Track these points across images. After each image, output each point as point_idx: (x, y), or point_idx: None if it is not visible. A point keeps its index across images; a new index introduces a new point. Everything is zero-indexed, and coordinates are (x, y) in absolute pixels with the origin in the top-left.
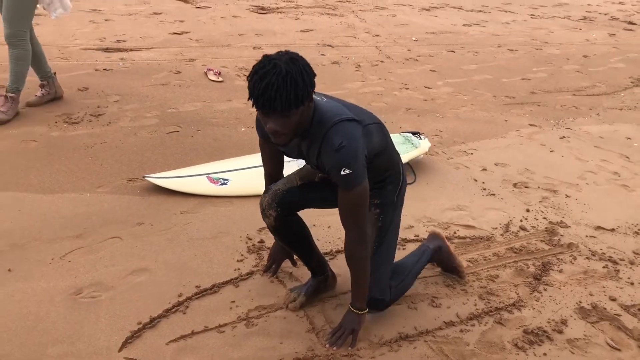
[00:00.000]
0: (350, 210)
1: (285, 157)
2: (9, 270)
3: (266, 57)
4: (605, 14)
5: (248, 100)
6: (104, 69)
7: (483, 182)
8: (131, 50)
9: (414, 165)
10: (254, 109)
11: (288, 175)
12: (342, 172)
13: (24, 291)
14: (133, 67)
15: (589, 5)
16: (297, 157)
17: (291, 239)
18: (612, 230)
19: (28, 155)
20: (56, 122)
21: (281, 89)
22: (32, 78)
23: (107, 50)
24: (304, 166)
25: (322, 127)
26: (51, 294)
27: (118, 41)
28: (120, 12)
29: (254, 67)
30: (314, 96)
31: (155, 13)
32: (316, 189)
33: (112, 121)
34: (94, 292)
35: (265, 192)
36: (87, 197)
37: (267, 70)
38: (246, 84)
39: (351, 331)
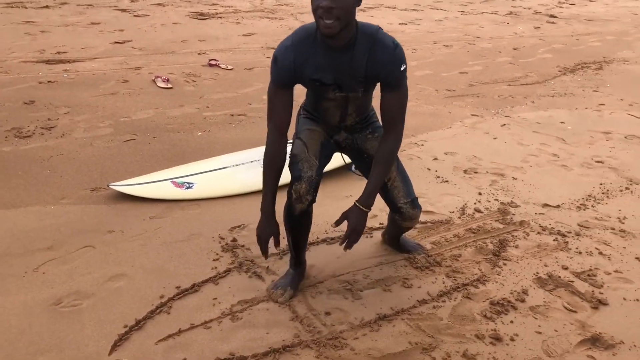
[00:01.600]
0: (401, 107)
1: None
2: None
3: None
4: (529, 9)
5: None
6: (48, 81)
7: (436, 171)
8: (74, 61)
9: None
10: (208, 114)
11: (304, 158)
12: (402, 68)
13: (2, 305)
14: (78, 78)
15: (513, 0)
16: (331, 80)
17: (305, 226)
18: (558, 206)
19: None
20: (6, 137)
21: None
22: None
23: (48, 62)
24: (304, 141)
25: (368, 33)
26: (30, 306)
27: (59, 52)
28: (56, 23)
29: None
30: None
31: (93, 23)
32: (323, 159)
33: (66, 133)
34: (74, 300)
35: (297, 179)
36: (51, 209)
37: None
38: (195, 89)
39: (360, 231)
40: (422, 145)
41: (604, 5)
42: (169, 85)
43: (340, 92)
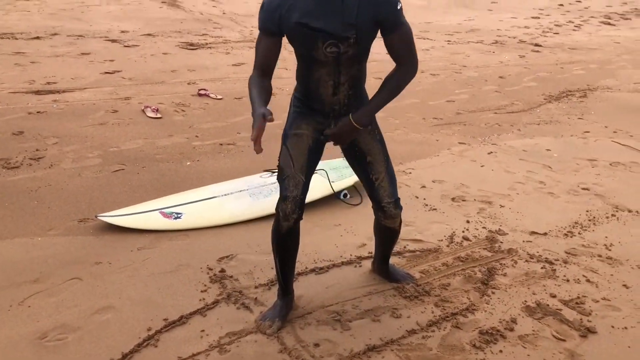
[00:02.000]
0: (408, 44)
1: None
2: None
3: None
4: (514, 38)
5: None
6: (37, 112)
7: (424, 199)
8: (63, 91)
9: (360, 187)
10: (197, 143)
11: (291, 176)
12: (398, 7)
13: None
14: (68, 109)
15: (498, 30)
16: (320, 24)
17: (292, 246)
18: (545, 234)
19: None
20: None
21: None
22: None
23: (38, 92)
24: (290, 152)
25: None
26: (15, 341)
27: (48, 83)
28: (46, 54)
29: None
30: None
31: (83, 53)
32: (311, 168)
33: (54, 163)
34: (60, 334)
35: (283, 200)
36: (38, 241)
37: None
38: (184, 119)
39: (341, 139)
40: (410, 173)
41: (587, 34)
42: (159, 115)
43: (331, 46)
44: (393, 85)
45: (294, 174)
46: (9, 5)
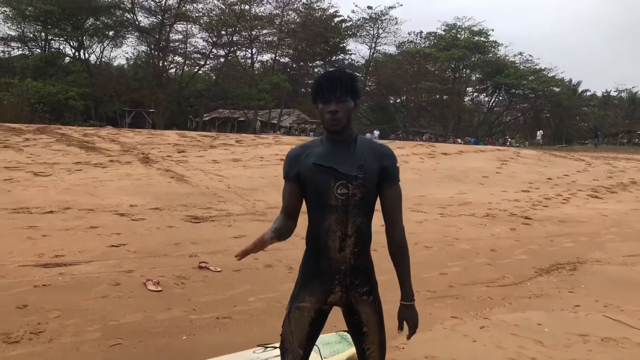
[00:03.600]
0: (400, 201)
1: None
2: None
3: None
4: (505, 210)
5: (313, 100)
6: (43, 285)
7: None
8: (70, 264)
9: None
10: (194, 317)
11: (290, 350)
12: (397, 164)
13: None
14: (72, 282)
15: (489, 203)
16: (334, 165)
17: None
18: None
19: None
20: None
21: (344, 78)
22: None
23: (45, 265)
24: (292, 327)
25: (365, 139)
26: None
27: (56, 256)
28: (57, 227)
29: (322, 73)
30: None
31: (92, 227)
32: (311, 340)
33: (54, 337)
34: None
35: None
36: None
37: (334, 70)
38: (184, 292)
39: (418, 323)
40: (403, 348)
41: (575, 207)
42: (159, 288)
43: (341, 187)
44: (403, 252)
45: (293, 348)
46: (28, 180)
